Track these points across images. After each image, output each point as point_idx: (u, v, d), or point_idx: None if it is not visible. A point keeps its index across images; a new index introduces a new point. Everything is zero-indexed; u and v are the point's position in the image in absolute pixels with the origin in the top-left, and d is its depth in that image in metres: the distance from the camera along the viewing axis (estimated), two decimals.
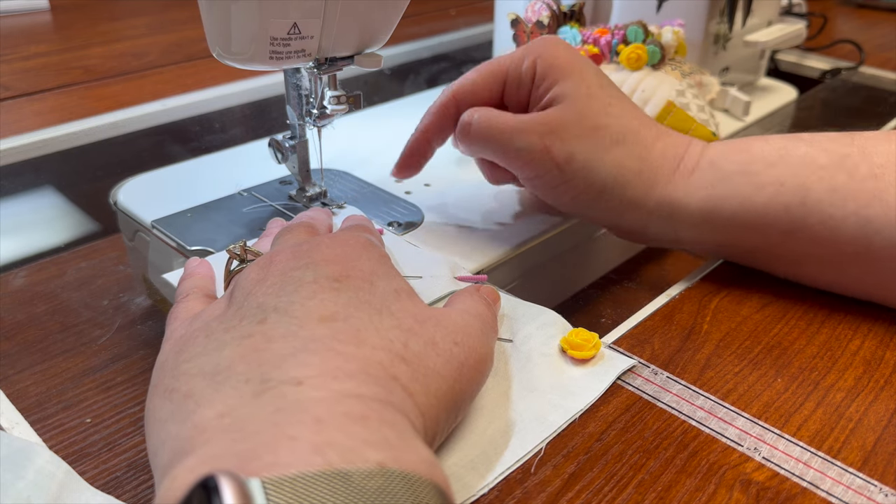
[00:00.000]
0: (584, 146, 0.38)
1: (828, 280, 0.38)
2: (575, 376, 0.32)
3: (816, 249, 0.37)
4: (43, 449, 0.28)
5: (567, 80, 0.39)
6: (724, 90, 0.62)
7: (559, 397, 0.31)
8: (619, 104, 0.40)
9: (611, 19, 0.66)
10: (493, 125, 0.39)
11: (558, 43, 0.40)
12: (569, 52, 0.40)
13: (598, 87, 0.39)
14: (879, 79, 0.79)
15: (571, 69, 0.39)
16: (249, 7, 0.34)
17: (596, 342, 0.34)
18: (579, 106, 0.39)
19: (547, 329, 0.35)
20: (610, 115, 0.39)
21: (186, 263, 0.37)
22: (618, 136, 0.39)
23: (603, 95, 0.39)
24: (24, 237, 0.55)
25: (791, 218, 0.36)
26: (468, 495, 0.27)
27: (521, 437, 0.29)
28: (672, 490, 0.27)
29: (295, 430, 0.21)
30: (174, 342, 0.28)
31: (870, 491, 0.27)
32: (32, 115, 0.63)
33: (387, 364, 0.25)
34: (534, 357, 0.33)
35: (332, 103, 0.41)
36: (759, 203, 0.37)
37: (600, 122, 0.39)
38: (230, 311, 0.27)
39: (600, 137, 0.38)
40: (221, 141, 0.66)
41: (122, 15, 0.94)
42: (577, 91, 0.39)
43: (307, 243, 0.30)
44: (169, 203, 0.45)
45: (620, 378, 0.33)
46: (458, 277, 0.38)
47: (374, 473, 0.19)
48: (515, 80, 0.40)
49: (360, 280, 0.28)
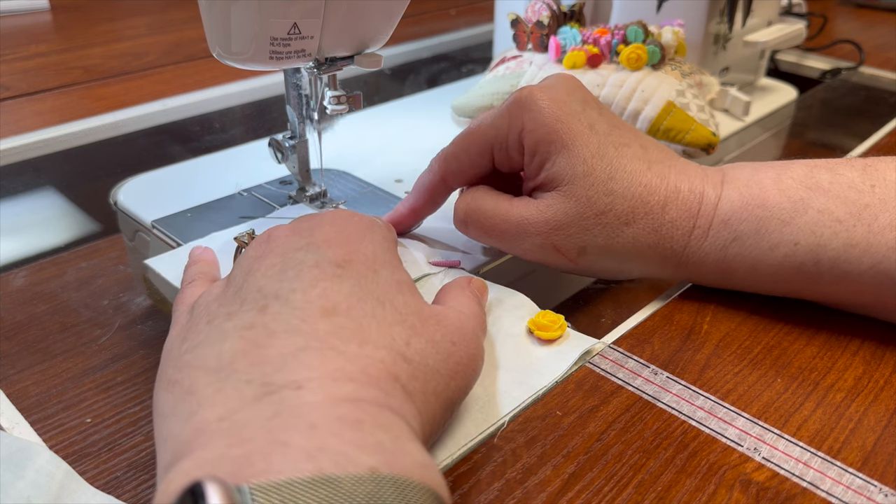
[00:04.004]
0: (593, 237, 0.36)
1: (844, 309, 0.38)
2: (540, 356, 0.34)
3: (831, 298, 0.37)
4: (43, 449, 0.28)
5: (560, 157, 0.36)
6: (724, 90, 0.62)
7: (524, 375, 0.32)
8: (620, 170, 0.36)
9: (611, 19, 0.66)
10: (493, 228, 0.37)
11: (539, 103, 0.36)
12: (553, 111, 0.36)
13: (594, 156, 0.36)
14: (879, 79, 0.79)
15: (562, 141, 0.36)
16: (249, 7, 0.34)
17: (562, 324, 0.35)
18: (580, 192, 0.36)
19: (516, 311, 0.36)
20: (614, 192, 0.36)
21: (191, 250, 0.37)
22: (626, 215, 0.36)
23: (602, 167, 0.36)
24: (24, 237, 0.55)
25: (805, 276, 0.35)
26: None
27: (485, 412, 0.30)
28: (672, 490, 0.27)
29: (288, 435, 0.21)
30: (178, 329, 0.28)
31: (870, 491, 0.28)
32: (32, 115, 0.63)
33: (388, 363, 0.25)
34: (502, 337, 0.34)
35: (332, 103, 0.41)
36: (772, 263, 0.36)
37: (605, 206, 0.36)
38: (230, 292, 0.27)
39: (609, 223, 0.36)
40: (221, 141, 0.66)
41: (122, 15, 0.94)
42: (574, 171, 0.35)
43: (308, 220, 0.30)
44: (169, 203, 0.45)
45: (620, 378, 0.33)
46: (432, 262, 0.39)
47: (365, 479, 0.20)
48: (503, 153, 0.38)
49: (363, 267, 0.28)
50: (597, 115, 0.37)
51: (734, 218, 0.36)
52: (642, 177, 0.36)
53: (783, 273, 0.36)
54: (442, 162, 0.39)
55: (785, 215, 0.35)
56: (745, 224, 0.36)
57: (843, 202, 0.35)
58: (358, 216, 0.31)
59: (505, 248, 0.39)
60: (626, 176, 0.36)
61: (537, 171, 0.37)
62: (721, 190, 0.37)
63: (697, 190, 0.37)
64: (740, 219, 0.36)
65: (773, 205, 0.35)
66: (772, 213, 0.35)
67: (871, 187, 0.35)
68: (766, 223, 0.35)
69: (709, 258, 0.37)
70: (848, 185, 0.35)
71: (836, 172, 0.36)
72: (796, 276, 0.35)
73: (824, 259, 0.34)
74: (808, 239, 0.35)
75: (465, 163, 0.38)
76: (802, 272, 0.35)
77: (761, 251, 0.35)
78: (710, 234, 0.36)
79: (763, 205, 0.35)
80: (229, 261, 0.38)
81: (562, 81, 0.38)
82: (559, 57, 0.56)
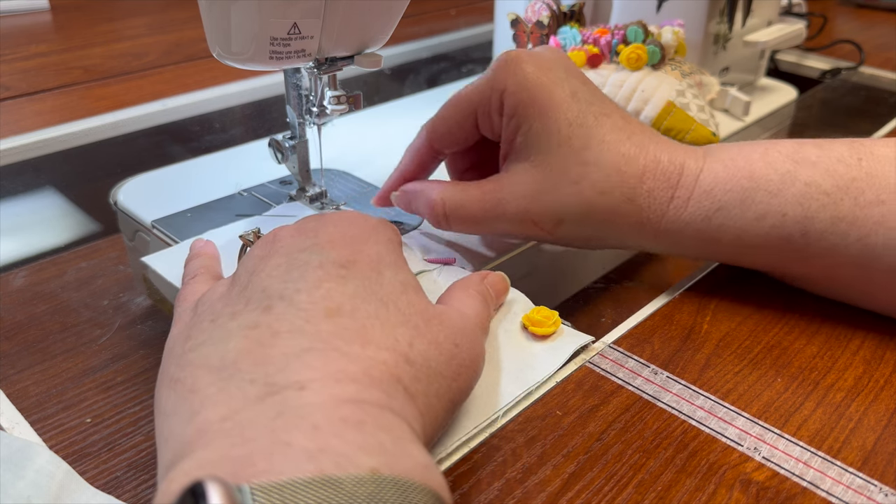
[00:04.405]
0: (569, 207, 0.36)
1: (830, 293, 0.38)
2: (534, 351, 0.34)
3: (817, 271, 0.37)
4: (43, 449, 0.28)
5: (537, 121, 0.36)
6: (724, 90, 0.62)
7: (518, 370, 0.33)
8: (597, 139, 0.36)
9: (611, 19, 0.66)
10: (471, 215, 0.38)
11: (525, 66, 0.36)
12: (537, 76, 0.36)
13: (571, 124, 0.35)
14: (879, 79, 0.79)
15: (541, 105, 0.35)
16: (249, 7, 0.34)
17: (556, 320, 0.35)
18: (554, 161, 0.36)
19: (511, 306, 0.36)
20: (588, 162, 0.35)
21: (192, 244, 0.37)
22: (602, 185, 0.36)
23: (579, 136, 0.35)
24: (24, 237, 0.55)
25: (792, 247, 0.36)
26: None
27: (479, 406, 0.31)
28: (672, 490, 0.27)
29: (291, 436, 0.21)
30: (181, 326, 0.28)
31: (870, 491, 0.27)
32: (32, 115, 0.63)
33: (391, 364, 0.25)
34: (496, 333, 0.35)
35: (332, 103, 0.41)
36: (759, 233, 0.36)
37: (579, 175, 0.36)
38: (234, 291, 0.27)
39: (584, 193, 0.36)
40: (221, 141, 0.66)
41: (122, 15, 0.94)
42: (550, 139, 0.35)
43: (313, 220, 0.30)
44: (169, 203, 0.45)
45: (620, 378, 0.33)
46: (427, 259, 0.39)
47: (366, 480, 0.20)
48: (486, 115, 0.38)
49: (367, 268, 0.28)
50: (580, 84, 0.37)
51: (718, 188, 0.36)
52: (620, 146, 0.36)
53: (770, 244, 0.36)
54: (429, 127, 0.40)
55: (772, 186, 0.35)
56: (729, 194, 0.36)
57: (831, 175, 0.35)
58: (363, 217, 0.31)
59: (486, 232, 0.40)
60: (603, 146, 0.36)
61: (513, 135, 0.37)
62: (703, 162, 0.37)
63: (678, 161, 0.36)
64: (725, 189, 0.36)
65: (760, 176, 0.35)
66: (758, 184, 0.35)
67: (859, 160, 0.35)
68: (753, 193, 0.35)
69: (689, 228, 0.36)
70: (836, 159, 0.35)
71: (823, 147, 0.36)
72: (784, 247, 0.36)
73: (812, 231, 0.35)
74: (796, 210, 0.35)
75: (451, 127, 0.39)
76: (790, 243, 0.35)
77: (747, 221, 0.36)
78: (691, 203, 0.36)
79: (750, 176, 0.36)
80: (228, 258, 0.38)
81: (549, 50, 0.38)
82: None
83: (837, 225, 0.34)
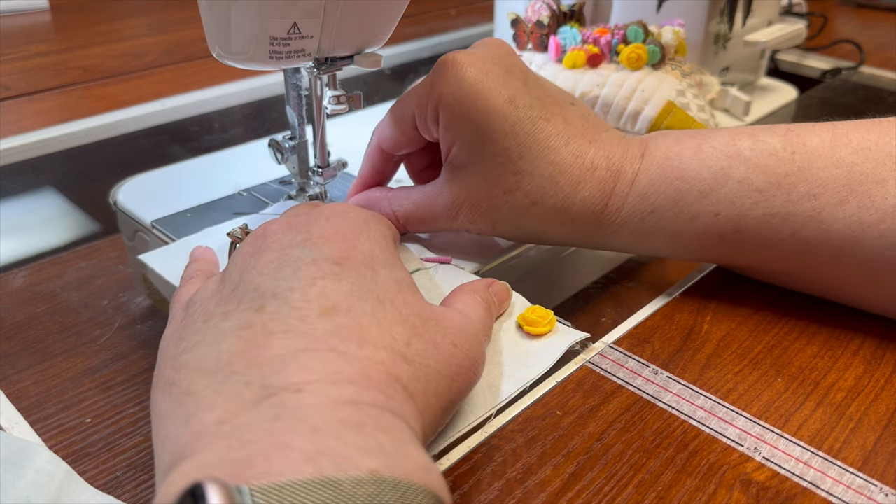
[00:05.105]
0: (501, 215, 0.37)
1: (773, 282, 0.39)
2: (529, 350, 0.34)
3: (756, 264, 0.37)
4: (43, 449, 0.28)
5: (472, 134, 0.36)
6: (724, 90, 0.62)
7: (513, 368, 0.33)
8: (533, 148, 0.35)
9: (611, 19, 0.66)
10: (422, 221, 0.39)
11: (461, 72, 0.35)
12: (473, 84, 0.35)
13: (507, 133, 0.35)
14: (879, 79, 0.79)
15: (475, 119, 0.35)
16: (249, 7, 0.34)
17: (551, 319, 0.35)
18: (489, 171, 0.36)
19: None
20: (522, 171, 0.35)
21: (192, 250, 0.38)
22: (535, 195, 0.36)
23: (513, 145, 0.35)
24: (24, 237, 0.55)
25: (726, 243, 0.36)
26: None
27: (473, 404, 0.31)
28: (672, 490, 0.27)
29: (290, 438, 0.21)
30: (175, 326, 0.28)
31: (870, 491, 0.27)
32: (32, 115, 0.63)
33: (389, 364, 0.25)
34: (494, 332, 0.35)
35: (332, 103, 0.41)
36: (693, 233, 0.36)
37: (512, 185, 0.36)
38: (226, 290, 0.27)
39: (515, 202, 0.36)
40: (221, 141, 0.66)
41: (121, 15, 0.94)
42: (485, 150, 0.36)
43: (304, 214, 0.29)
44: (169, 203, 0.45)
45: (620, 378, 0.33)
46: (424, 259, 0.40)
47: (365, 482, 0.19)
48: (423, 123, 0.38)
49: (361, 264, 0.27)
50: (521, 85, 0.37)
51: (651, 191, 0.36)
52: (555, 155, 0.36)
53: (705, 242, 0.36)
54: (377, 132, 0.40)
55: (704, 186, 0.35)
56: (662, 196, 0.36)
57: (763, 171, 0.35)
58: (355, 211, 0.30)
59: (437, 231, 0.41)
60: (538, 154, 0.35)
61: (449, 146, 0.37)
62: (640, 164, 0.36)
63: (615, 167, 0.36)
64: (658, 192, 0.36)
65: (693, 176, 0.35)
66: (690, 184, 0.35)
67: (792, 154, 0.35)
68: (685, 194, 0.35)
69: (623, 230, 0.37)
70: (768, 153, 0.35)
71: (757, 139, 0.36)
72: (718, 243, 0.36)
73: (745, 227, 0.35)
74: (729, 209, 0.35)
75: (395, 133, 0.39)
76: (724, 240, 0.36)
77: (681, 222, 0.36)
78: (625, 208, 0.36)
79: (682, 177, 0.35)
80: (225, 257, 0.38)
81: (491, 48, 0.38)
82: (559, 57, 0.56)
83: (770, 221, 0.35)
